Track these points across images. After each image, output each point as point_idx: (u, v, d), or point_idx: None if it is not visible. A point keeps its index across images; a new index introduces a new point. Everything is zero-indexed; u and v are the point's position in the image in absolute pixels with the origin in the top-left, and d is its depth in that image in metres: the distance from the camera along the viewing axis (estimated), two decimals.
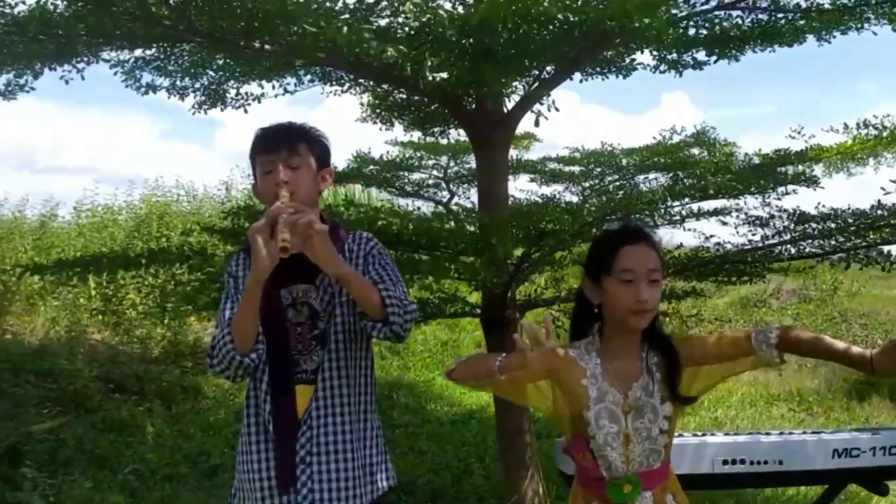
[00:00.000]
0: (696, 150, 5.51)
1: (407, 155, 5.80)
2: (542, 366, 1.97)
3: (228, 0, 3.06)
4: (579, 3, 3.16)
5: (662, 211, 3.73)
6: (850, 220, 3.68)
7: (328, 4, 3.20)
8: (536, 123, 3.82)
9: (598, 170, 5.60)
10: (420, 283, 4.01)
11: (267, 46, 3.52)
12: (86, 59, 4.05)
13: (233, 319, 1.97)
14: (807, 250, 3.77)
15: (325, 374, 2.02)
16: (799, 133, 4.41)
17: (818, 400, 7.78)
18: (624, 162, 5.50)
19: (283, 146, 2.02)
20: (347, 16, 3.28)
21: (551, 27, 3.54)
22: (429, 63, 3.09)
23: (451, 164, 5.77)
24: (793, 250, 3.80)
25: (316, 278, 2.04)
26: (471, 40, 3.60)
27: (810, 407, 7.59)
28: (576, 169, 5.71)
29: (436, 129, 5.30)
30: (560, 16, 3.30)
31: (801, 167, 4.42)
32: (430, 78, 3.13)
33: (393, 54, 3.04)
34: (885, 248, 3.55)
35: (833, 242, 3.65)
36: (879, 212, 3.51)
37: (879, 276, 9.98)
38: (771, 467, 2.58)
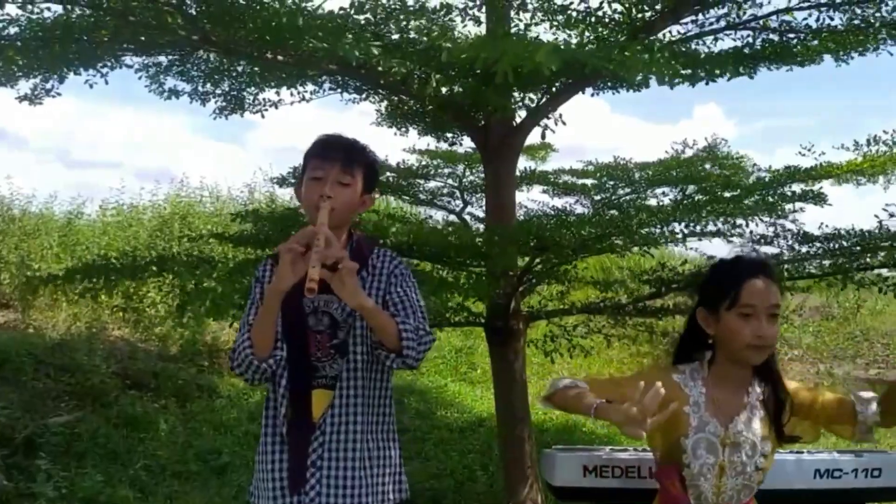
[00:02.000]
0: (708, 165, 5.50)
1: (423, 163, 5.84)
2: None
3: (240, 13, 3.16)
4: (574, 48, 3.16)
5: (665, 230, 3.74)
6: (854, 241, 3.68)
7: (338, 21, 3.28)
8: (543, 136, 3.87)
9: (611, 183, 5.60)
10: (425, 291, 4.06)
11: (280, 57, 3.61)
12: (109, 64, 4.18)
13: (253, 325, 2.01)
14: (807, 270, 3.77)
15: (343, 382, 2.05)
16: (809, 150, 4.41)
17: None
18: (637, 176, 5.50)
19: (338, 160, 2.02)
20: (358, 30, 3.35)
21: None
22: (433, 82, 3.16)
23: (467, 172, 5.80)
24: (794, 271, 3.80)
25: None
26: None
27: None
28: (588, 182, 5.72)
29: (448, 135, 5.36)
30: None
31: (809, 185, 4.42)
32: (435, 94, 3.21)
33: (399, 70, 3.11)
34: (884, 272, 3.54)
35: (832, 263, 3.65)
36: (880, 232, 3.51)
37: None
38: None
